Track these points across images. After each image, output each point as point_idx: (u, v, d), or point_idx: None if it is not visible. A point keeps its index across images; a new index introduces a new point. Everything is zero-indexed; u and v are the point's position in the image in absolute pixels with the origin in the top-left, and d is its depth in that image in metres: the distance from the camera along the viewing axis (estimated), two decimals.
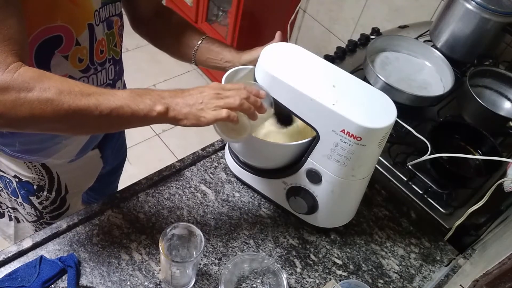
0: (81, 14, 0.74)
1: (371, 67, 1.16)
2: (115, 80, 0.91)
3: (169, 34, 0.96)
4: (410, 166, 1.03)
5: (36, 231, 1.05)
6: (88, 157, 1.00)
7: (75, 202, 1.07)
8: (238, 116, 0.69)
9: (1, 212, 1.05)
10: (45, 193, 0.96)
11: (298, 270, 0.87)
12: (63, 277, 0.77)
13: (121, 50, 0.92)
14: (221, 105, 0.68)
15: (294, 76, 0.77)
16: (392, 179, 1.04)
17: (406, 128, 1.09)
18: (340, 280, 0.86)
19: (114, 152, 1.13)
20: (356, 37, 1.42)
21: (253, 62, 0.89)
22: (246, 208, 0.94)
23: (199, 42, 0.93)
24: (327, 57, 1.30)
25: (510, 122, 1.08)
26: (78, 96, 0.61)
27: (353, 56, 1.35)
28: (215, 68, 0.95)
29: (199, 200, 0.93)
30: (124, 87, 1.02)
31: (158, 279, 0.80)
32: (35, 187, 0.94)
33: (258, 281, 0.83)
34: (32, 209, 0.98)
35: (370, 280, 0.88)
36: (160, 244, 0.73)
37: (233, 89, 0.70)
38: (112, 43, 0.86)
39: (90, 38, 0.78)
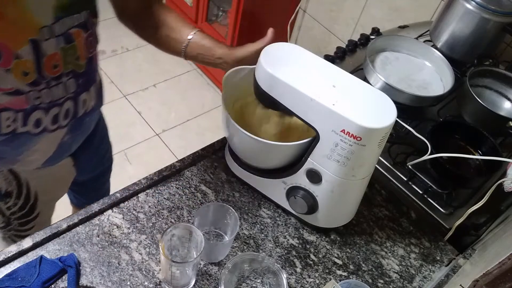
0: (19, 31, 0.70)
1: (371, 67, 1.16)
2: (78, 92, 0.84)
3: (157, 28, 0.93)
4: (410, 166, 1.03)
5: (3, 238, 1.01)
6: (59, 165, 0.96)
7: (47, 211, 1.03)
8: None
9: None
10: (13, 199, 0.93)
11: (298, 270, 0.87)
12: (63, 277, 0.77)
13: (90, 61, 0.85)
14: None
15: (294, 76, 0.77)
16: (392, 179, 1.04)
17: (406, 128, 1.09)
18: (340, 280, 0.86)
19: (93, 161, 1.10)
20: (356, 37, 1.42)
21: (245, 59, 0.88)
22: (246, 208, 0.94)
23: (189, 37, 0.90)
24: (327, 57, 1.30)
25: (510, 122, 1.08)
26: None
27: (353, 56, 1.35)
28: (206, 64, 0.93)
29: (199, 200, 0.93)
30: (98, 96, 0.94)
31: (158, 279, 0.80)
32: (2, 192, 0.91)
33: (258, 281, 0.83)
34: (0, 215, 0.95)
35: (370, 280, 0.88)
36: (160, 244, 0.73)
37: None
38: (73, 57, 0.80)
39: (35, 53, 0.73)
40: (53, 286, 0.76)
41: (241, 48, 0.90)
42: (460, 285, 0.74)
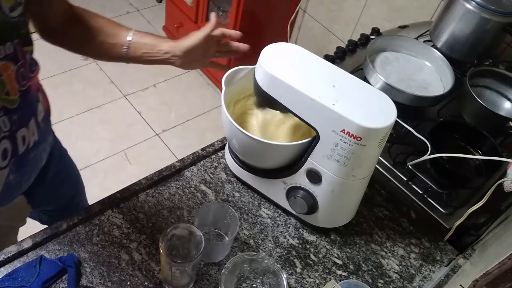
0: None
1: (371, 67, 1.16)
2: (14, 130, 0.74)
3: (90, 38, 0.85)
4: (410, 166, 1.03)
5: None
6: (10, 205, 0.87)
7: (7, 240, 0.95)
8: None
9: None
10: None
11: (298, 270, 0.87)
12: (63, 277, 0.77)
13: (25, 94, 0.75)
14: None
15: (294, 76, 0.77)
16: (392, 179, 1.04)
17: (406, 128, 1.09)
18: (340, 280, 0.86)
19: (51, 195, 1.01)
20: (356, 37, 1.42)
21: (194, 47, 0.86)
22: (246, 208, 0.94)
23: (129, 39, 0.85)
24: (327, 57, 1.30)
25: (510, 122, 1.08)
26: None
27: (353, 56, 1.35)
28: (153, 62, 0.88)
29: (199, 200, 0.93)
30: (42, 128, 0.84)
31: (158, 279, 0.80)
32: None
33: (258, 281, 0.83)
34: None
35: (370, 280, 0.88)
36: (160, 244, 0.73)
37: None
38: (1, 93, 0.70)
39: None
40: (53, 286, 0.76)
41: (187, 38, 0.87)
42: (460, 285, 0.74)
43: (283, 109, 0.80)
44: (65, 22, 0.84)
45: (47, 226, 0.85)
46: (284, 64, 0.79)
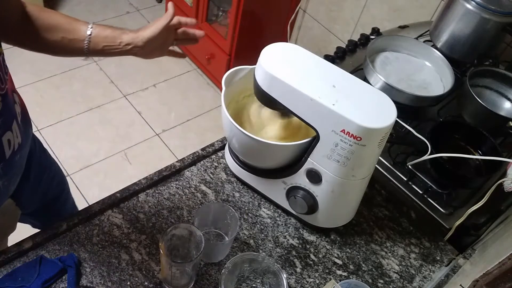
0: None
1: (371, 67, 1.16)
2: (0, 135, 0.73)
3: (46, 35, 0.83)
4: (410, 166, 1.03)
5: None
6: (0, 209, 0.86)
7: None
8: None
9: None
10: None
11: (298, 270, 0.87)
12: (63, 277, 0.77)
13: (5, 98, 0.73)
14: None
15: (294, 76, 0.77)
16: (392, 179, 1.04)
17: (406, 128, 1.09)
18: (340, 280, 0.86)
19: (38, 192, 1.00)
20: (356, 37, 1.42)
21: (155, 37, 0.87)
22: (246, 208, 0.94)
23: (89, 33, 0.83)
24: (327, 57, 1.30)
25: (510, 122, 1.08)
26: None
27: (353, 56, 1.35)
28: (115, 54, 0.87)
29: (199, 200, 0.93)
30: (23, 128, 0.82)
31: (158, 279, 0.80)
32: None
33: (258, 281, 0.83)
34: None
35: (370, 280, 0.88)
36: (160, 244, 0.73)
37: None
38: None
39: None
40: (53, 286, 0.76)
41: (146, 28, 0.87)
42: (460, 285, 0.74)
43: (283, 109, 0.80)
44: (18, 21, 0.81)
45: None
46: (284, 64, 0.79)
